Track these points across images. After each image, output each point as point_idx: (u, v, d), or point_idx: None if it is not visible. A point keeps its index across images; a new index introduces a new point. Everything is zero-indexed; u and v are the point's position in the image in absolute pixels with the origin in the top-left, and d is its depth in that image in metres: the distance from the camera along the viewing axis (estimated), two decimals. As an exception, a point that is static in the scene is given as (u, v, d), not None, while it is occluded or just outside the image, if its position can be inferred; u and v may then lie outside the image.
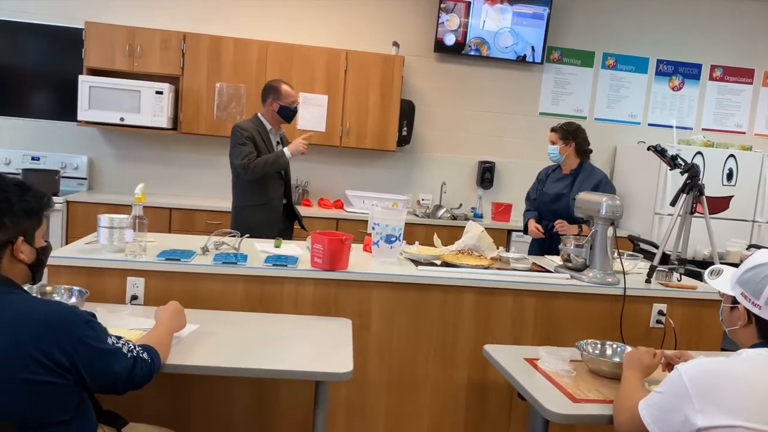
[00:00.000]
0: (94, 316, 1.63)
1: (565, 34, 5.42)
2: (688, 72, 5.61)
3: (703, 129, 5.68)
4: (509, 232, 4.95)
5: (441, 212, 5.09)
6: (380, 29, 5.18)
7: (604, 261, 2.91)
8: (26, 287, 2.00)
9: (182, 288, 2.57)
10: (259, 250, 2.95)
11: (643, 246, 4.48)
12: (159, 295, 2.55)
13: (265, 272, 2.60)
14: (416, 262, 2.97)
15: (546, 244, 3.69)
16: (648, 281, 2.98)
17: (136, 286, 2.55)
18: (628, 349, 2.13)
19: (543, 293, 2.80)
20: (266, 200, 3.60)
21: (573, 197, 3.60)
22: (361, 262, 2.86)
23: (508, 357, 2.16)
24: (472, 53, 5.21)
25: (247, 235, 3.00)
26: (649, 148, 3.21)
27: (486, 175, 5.35)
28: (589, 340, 2.19)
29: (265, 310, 2.60)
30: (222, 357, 1.93)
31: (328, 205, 5.05)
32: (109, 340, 1.62)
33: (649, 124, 5.63)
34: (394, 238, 2.99)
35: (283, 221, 3.76)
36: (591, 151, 3.78)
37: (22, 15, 4.75)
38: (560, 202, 3.66)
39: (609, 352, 2.17)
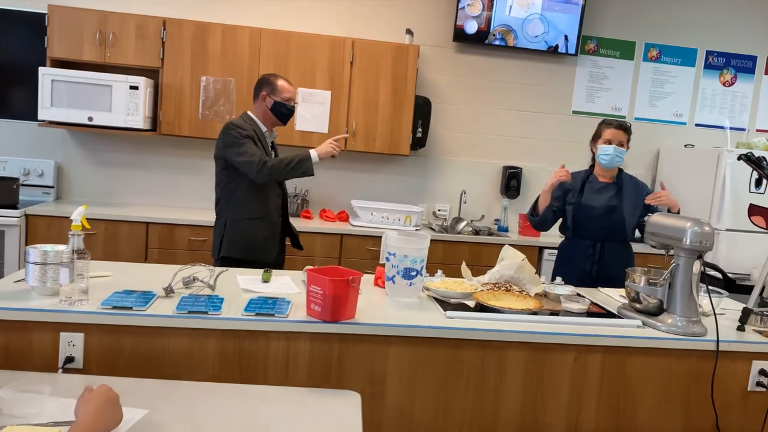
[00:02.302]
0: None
1: (602, 21, 4.74)
2: (742, 65, 4.93)
3: (757, 130, 5.00)
4: (540, 249, 4.28)
5: (461, 226, 4.43)
6: (391, 14, 4.52)
7: (687, 304, 2.24)
8: None
9: (135, 346, 1.92)
10: (241, 288, 2.30)
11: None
12: (103, 355, 1.91)
13: (246, 325, 1.95)
14: (443, 303, 2.32)
15: (595, 269, 3.04)
16: (741, 329, 2.32)
17: (72, 344, 1.90)
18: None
19: (612, 349, 2.14)
20: (264, 213, 2.98)
21: (630, 211, 3.01)
22: (372, 306, 2.20)
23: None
24: (497, 43, 4.54)
25: (225, 270, 2.34)
26: (740, 158, 2.54)
27: (512, 183, 4.68)
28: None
29: (245, 377, 1.96)
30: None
31: (332, 217, 4.39)
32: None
33: (696, 125, 4.95)
34: (414, 273, 2.33)
35: (279, 240, 3.12)
36: None
37: (-23, -2, 4.11)
38: (614, 215, 3.02)
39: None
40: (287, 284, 2.42)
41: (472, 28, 4.51)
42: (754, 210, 4.18)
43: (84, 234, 1.97)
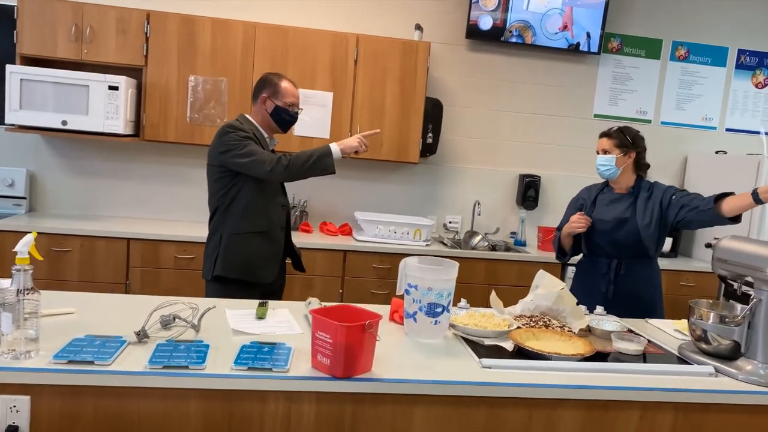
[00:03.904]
0: None
1: (626, 17, 4.37)
2: (776, 65, 4.57)
3: (792, 135, 4.63)
4: (563, 267, 3.89)
5: (476, 240, 4.04)
6: (399, 8, 4.13)
7: (772, 349, 1.86)
8: None
9: (97, 411, 1.53)
10: (231, 329, 1.90)
11: (745, 290, 3.42)
12: (56, 424, 1.52)
13: (236, 383, 1.55)
14: (475, 346, 1.93)
15: (611, 289, 2.70)
16: (832, 376, 1.93)
17: (15, 409, 1.50)
18: None
19: (683, 405, 1.75)
20: (267, 227, 2.58)
21: (645, 222, 2.64)
22: (389, 352, 1.81)
23: None
24: (514, 40, 4.16)
25: (213, 307, 1.94)
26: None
27: (529, 192, 4.30)
28: None
29: (235, 449, 1.56)
30: None
31: (333, 231, 4.00)
32: None
33: (727, 129, 4.58)
34: (440, 309, 1.94)
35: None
36: (649, 166, 2.80)
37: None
38: (624, 228, 2.67)
39: None
40: (287, 322, 2.02)
41: (486, 24, 4.13)
42: (798, 223, 3.81)
43: (32, 269, 1.57)
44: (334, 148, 2.48)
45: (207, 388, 1.54)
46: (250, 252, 2.55)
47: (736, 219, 2.51)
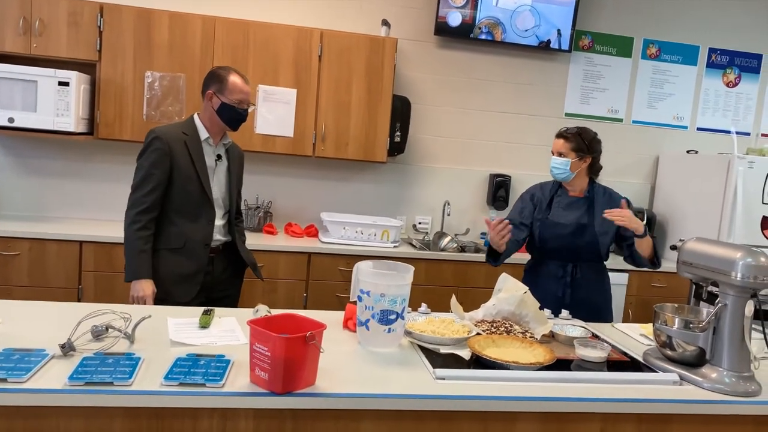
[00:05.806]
0: None
1: (598, 15, 4.31)
2: (746, 64, 4.54)
3: (762, 134, 4.62)
4: (534, 268, 3.80)
5: (445, 242, 3.94)
6: (365, 3, 4.02)
7: (738, 355, 1.79)
8: None
9: (10, 432, 1.39)
10: (170, 340, 1.77)
11: (713, 290, 3.37)
12: (-37, 448, 1.38)
13: (165, 400, 1.43)
14: (430, 354, 1.83)
15: (568, 293, 2.62)
16: (800, 382, 1.87)
17: None
18: None
19: (647, 417, 1.67)
20: (183, 243, 2.43)
21: (603, 230, 2.58)
22: (337, 363, 1.70)
23: None
24: (483, 37, 4.07)
25: (148, 316, 1.81)
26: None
27: (499, 192, 4.21)
28: None
29: (162, 473, 1.44)
30: None
31: (298, 232, 3.87)
32: None
33: (698, 128, 4.55)
34: (394, 316, 1.84)
35: (223, 269, 2.57)
36: (602, 168, 2.74)
37: None
38: (584, 234, 2.61)
39: None
40: (232, 331, 1.90)
41: (455, 20, 4.03)
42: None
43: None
44: (134, 278, 2.33)
45: (132, 406, 1.42)
46: (160, 270, 2.39)
47: (654, 263, 2.59)
